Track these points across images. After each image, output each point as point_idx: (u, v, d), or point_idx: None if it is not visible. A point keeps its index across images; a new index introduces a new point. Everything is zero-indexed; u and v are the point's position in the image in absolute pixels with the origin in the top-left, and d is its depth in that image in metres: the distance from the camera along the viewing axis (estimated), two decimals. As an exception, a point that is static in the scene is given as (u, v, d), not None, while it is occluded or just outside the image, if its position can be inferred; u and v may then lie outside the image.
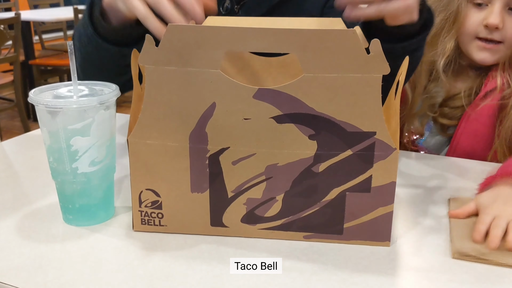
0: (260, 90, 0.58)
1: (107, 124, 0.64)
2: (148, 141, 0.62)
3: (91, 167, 0.64)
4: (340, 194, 0.62)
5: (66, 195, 0.67)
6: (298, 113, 0.59)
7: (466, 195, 0.78)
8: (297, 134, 0.60)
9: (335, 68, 0.57)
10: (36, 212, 0.71)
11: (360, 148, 0.60)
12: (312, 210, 0.63)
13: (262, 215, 0.64)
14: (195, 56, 0.58)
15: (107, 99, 0.62)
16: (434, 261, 0.61)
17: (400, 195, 0.79)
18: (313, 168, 0.61)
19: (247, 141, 0.61)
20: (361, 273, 0.58)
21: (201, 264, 0.59)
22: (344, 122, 0.59)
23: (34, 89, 0.64)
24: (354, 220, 0.63)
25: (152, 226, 0.66)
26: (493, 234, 0.63)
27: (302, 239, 0.65)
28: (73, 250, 0.62)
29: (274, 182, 0.62)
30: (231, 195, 0.63)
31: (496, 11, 0.92)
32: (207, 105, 0.60)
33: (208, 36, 0.57)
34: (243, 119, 0.60)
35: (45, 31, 4.72)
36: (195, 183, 0.63)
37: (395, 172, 0.61)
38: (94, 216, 0.68)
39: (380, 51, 0.55)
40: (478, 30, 0.96)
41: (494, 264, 0.60)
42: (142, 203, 0.65)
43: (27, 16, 3.82)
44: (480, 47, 0.97)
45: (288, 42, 0.56)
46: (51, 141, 0.63)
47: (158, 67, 0.59)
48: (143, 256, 0.61)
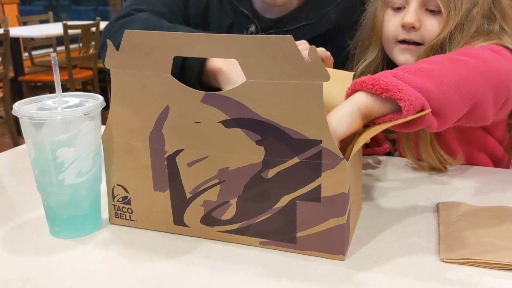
0: (207, 94, 0.60)
1: (92, 135, 0.65)
2: (116, 139, 0.67)
3: (78, 178, 0.65)
4: (291, 202, 0.61)
5: (53, 207, 0.67)
6: (244, 118, 0.60)
7: (454, 199, 0.77)
8: (244, 139, 0.60)
9: (276, 74, 0.57)
10: (24, 225, 0.72)
11: (307, 156, 0.59)
12: (265, 216, 0.63)
13: (219, 218, 0.65)
14: (150, 60, 0.61)
15: (92, 110, 0.63)
16: (423, 264, 0.60)
17: (390, 199, 0.78)
18: (262, 174, 0.61)
19: (199, 144, 0.63)
20: (350, 275, 0.58)
21: (191, 273, 0.59)
22: (289, 128, 0.58)
23: (18, 102, 0.65)
24: (306, 230, 0.62)
25: (124, 220, 0.70)
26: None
27: (258, 245, 0.65)
28: (61, 262, 0.62)
29: (227, 186, 0.63)
30: (189, 196, 0.65)
31: (411, 11, 0.89)
32: (162, 108, 0.62)
33: (158, 42, 0.60)
34: (194, 122, 0.62)
35: (35, 47, 4.77)
36: (157, 182, 0.66)
37: (344, 182, 0.59)
38: (81, 227, 0.68)
39: (318, 59, 0.54)
40: (396, 33, 0.92)
41: (483, 265, 0.59)
42: (115, 198, 0.70)
43: (16, 32, 3.88)
44: (402, 49, 0.92)
45: (229, 48, 0.57)
46: (36, 153, 0.64)
47: (120, 70, 0.63)
48: (132, 267, 0.61)
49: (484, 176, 0.87)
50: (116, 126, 0.66)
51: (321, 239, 0.62)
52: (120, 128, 0.66)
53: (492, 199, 0.77)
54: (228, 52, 0.58)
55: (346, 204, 0.60)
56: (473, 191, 0.81)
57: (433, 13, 0.89)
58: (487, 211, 0.71)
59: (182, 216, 0.67)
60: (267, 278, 0.58)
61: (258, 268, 0.60)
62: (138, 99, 0.63)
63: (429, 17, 0.90)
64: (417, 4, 0.89)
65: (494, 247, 0.62)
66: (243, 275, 0.59)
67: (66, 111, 0.62)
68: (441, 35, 0.87)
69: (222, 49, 0.58)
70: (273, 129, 0.59)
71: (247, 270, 0.60)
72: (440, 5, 0.87)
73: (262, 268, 0.60)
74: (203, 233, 0.67)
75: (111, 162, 0.68)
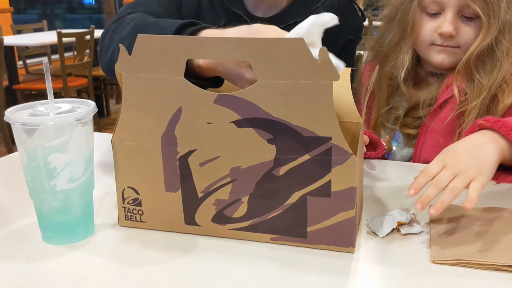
0: (220, 95, 0.62)
1: (84, 140, 0.65)
2: (127, 142, 0.68)
3: (70, 183, 0.65)
4: (301, 198, 0.64)
5: (45, 213, 0.67)
6: (256, 118, 0.62)
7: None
8: (256, 138, 0.63)
9: (287, 74, 0.59)
10: (16, 232, 0.72)
11: (317, 152, 0.61)
12: (276, 213, 0.65)
13: (231, 216, 0.67)
14: (162, 64, 0.63)
15: (84, 115, 0.63)
16: (414, 266, 0.61)
17: (382, 200, 0.80)
18: (273, 172, 0.64)
19: (212, 144, 0.64)
20: (341, 277, 0.59)
21: (183, 278, 0.60)
22: (300, 127, 0.61)
23: (9, 108, 0.64)
24: (316, 224, 0.64)
25: (134, 222, 0.72)
26: (426, 193, 0.63)
27: (269, 241, 0.67)
28: (53, 268, 0.62)
29: (239, 184, 0.65)
30: (201, 195, 0.67)
31: (449, 20, 0.92)
32: (174, 110, 0.64)
33: (171, 45, 0.62)
34: (207, 123, 0.64)
35: (29, 56, 4.73)
36: (168, 183, 0.68)
37: (353, 177, 0.62)
38: (74, 233, 0.68)
39: (328, 59, 0.57)
40: (433, 38, 0.96)
41: (474, 266, 0.60)
42: (125, 200, 0.71)
43: (10, 41, 3.84)
44: (438, 50, 0.96)
45: (241, 50, 0.60)
46: (28, 159, 0.64)
47: (132, 74, 0.65)
48: (124, 272, 0.61)
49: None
50: (127, 129, 0.67)
51: (331, 232, 0.64)
52: (132, 131, 0.67)
53: (481, 201, 0.78)
54: (241, 55, 0.60)
55: (354, 198, 0.63)
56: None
57: (470, 19, 0.92)
58: (478, 213, 0.73)
59: (194, 216, 0.69)
60: (280, 273, 0.60)
61: (270, 263, 0.62)
62: (150, 102, 0.65)
63: (465, 24, 0.93)
64: (454, 12, 0.92)
65: (485, 247, 0.63)
66: (255, 270, 0.61)
67: (58, 117, 0.62)
68: (485, 42, 0.89)
69: (235, 51, 0.60)
70: (284, 127, 0.61)
71: (259, 265, 0.62)
72: (479, 12, 0.89)
73: (274, 263, 0.62)
74: (214, 231, 0.69)
75: (122, 164, 0.70)
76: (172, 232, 0.70)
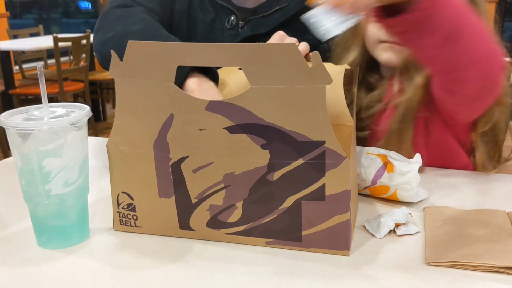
0: (211, 102, 0.62)
1: (79, 145, 0.65)
2: (121, 147, 0.68)
3: (65, 188, 0.65)
4: (296, 202, 0.64)
5: (39, 217, 0.67)
6: (249, 123, 0.61)
7: (439, 203, 0.79)
8: (250, 144, 0.62)
9: (280, 80, 0.59)
10: (11, 237, 0.71)
11: (311, 157, 0.61)
12: (270, 217, 0.65)
13: (225, 221, 0.67)
14: (153, 70, 0.62)
15: (78, 119, 0.63)
16: (409, 268, 0.62)
17: (376, 201, 0.80)
18: (267, 177, 0.63)
19: (204, 150, 0.64)
20: (337, 280, 0.59)
21: (178, 282, 0.60)
22: (293, 131, 0.61)
23: (4, 113, 0.64)
24: (311, 228, 0.64)
25: (129, 226, 0.71)
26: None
27: (264, 245, 0.67)
28: (48, 273, 0.62)
29: (233, 190, 0.65)
30: (194, 201, 0.67)
31: None
32: (166, 116, 0.64)
33: (162, 51, 0.61)
34: (199, 130, 0.63)
35: (25, 61, 4.65)
36: (162, 189, 0.68)
37: (347, 180, 0.62)
38: (69, 238, 0.68)
39: (321, 63, 0.57)
40: (380, 35, 0.94)
41: (469, 267, 0.61)
42: (120, 205, 0.71)
43: (6, 46, 3.84)
44: (385, 47, 0.94)
45: (233, 56, 0.59)
46: (22, 163, 0.64)
47: (124, 79, 0.64)
48: (119, 276, 0.61)
49: (463, 179, 0.90)
50: (121, 134, 0.67)
51: (326, 236, 0.64)
52: (125, 136, 0.67)
53: (475, 202, 0.79)
54: (232, 60, 0.60)
55: (349, 201, 0.63)
56: (463, 195, 0.83)
57: None
58: (472, 215, 0.73)
59: (188, 221, 0.68)
60: (276, 276, 0.60)
61: (266, 267, 0.62)
62: (142, 107, 0.65)
63: None
64: None
65: (480, 249, 0.63)
66: (250, 274, 0.61)
67: (52, 121, 0.62)
68: None
69: (226, 57, 0.60)
70: (278, 132, 0.61)
71: (255, 269, 0.62)
72: None
73: (269, 267, 0.62)
74: (209, 236, 0.68)
75: (116, 169, 0.69)
76: (167, 237, 0.70)
